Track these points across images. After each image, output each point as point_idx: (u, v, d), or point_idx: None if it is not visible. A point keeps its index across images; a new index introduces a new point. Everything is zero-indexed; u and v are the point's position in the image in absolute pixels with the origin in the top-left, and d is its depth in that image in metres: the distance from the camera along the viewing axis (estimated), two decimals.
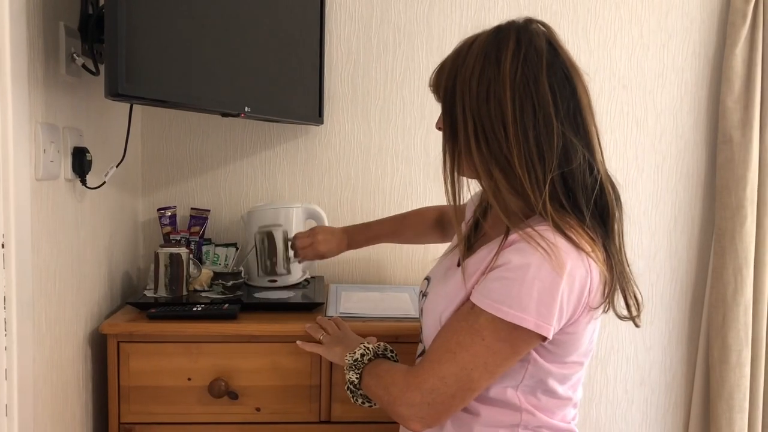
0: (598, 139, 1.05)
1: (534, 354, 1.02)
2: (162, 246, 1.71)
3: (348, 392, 1.21)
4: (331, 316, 1.52)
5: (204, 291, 1.73)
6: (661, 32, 2.12)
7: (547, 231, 0.96)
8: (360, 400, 1.21)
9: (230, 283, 1.70)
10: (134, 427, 1.52)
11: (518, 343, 0.98)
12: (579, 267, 0.96)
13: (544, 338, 0.97)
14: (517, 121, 0.97)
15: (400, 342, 1.45)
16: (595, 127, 1.05)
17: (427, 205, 1.71)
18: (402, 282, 2.09)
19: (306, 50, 1.90)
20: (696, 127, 2.17)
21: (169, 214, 1.93)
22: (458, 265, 1.12)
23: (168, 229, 1.93)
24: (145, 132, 2.01)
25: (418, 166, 2.09)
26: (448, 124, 1.05)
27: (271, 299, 1.67)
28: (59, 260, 1.34)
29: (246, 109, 1.53)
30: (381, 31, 2.04)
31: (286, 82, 1.79)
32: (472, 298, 1.00)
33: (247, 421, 1.55)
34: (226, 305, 1.58)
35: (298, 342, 1.42)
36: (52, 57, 1.27)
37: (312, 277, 1.94)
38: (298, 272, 1.83)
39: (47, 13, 1.23)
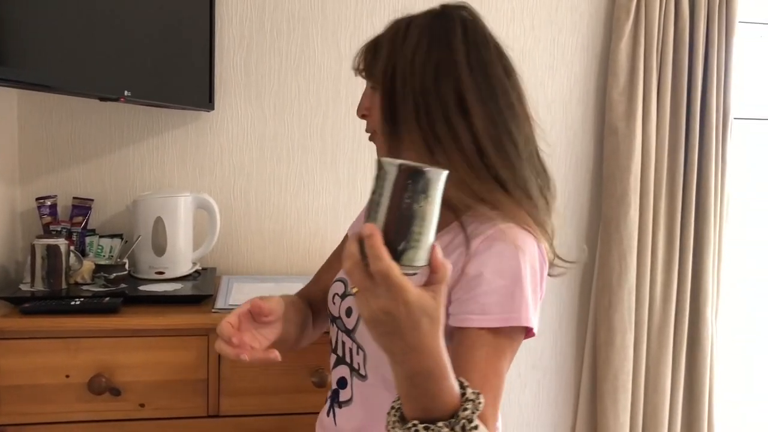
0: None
1: None
2: (39, 237, 1.62)
3: None
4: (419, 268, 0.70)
5: (86, 284, 1.65)
6: (551, 25, 2.18)
7: (512, 228, 0.94)
8: None
9: (113, 276, 1.63)
10: (7, 429, 1.45)
11: (520, 340, 0.95)
12: (540, 255, 0.96)
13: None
14: (482, 103, 0.97)
15: None
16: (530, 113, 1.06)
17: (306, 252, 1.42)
18: (299, 272, 2.06)
19: (195, 33, 1.84)
20: (584, 118, 2.24)
21: (49, 203, 1.83)
22: None
23: (48, 219, 1.83)
24: (22, 116, 1.89)
25: (314, 154, 2.06)
26: (387, 107, 1.01)
27: (156, 292, 1.62)
28: None
29: (125, 93, 1.45)
30: (275, 16, 1.99)
31: (172, 66, 1.73)
32: (475, 324, 0.90)
33: (131, 418, 1.49)
34: (107, 298, 1.52)
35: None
36: None
37: (204, 269, 1.89)
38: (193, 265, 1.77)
39: None
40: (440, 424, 0.73)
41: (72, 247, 1.68)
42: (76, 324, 1.45)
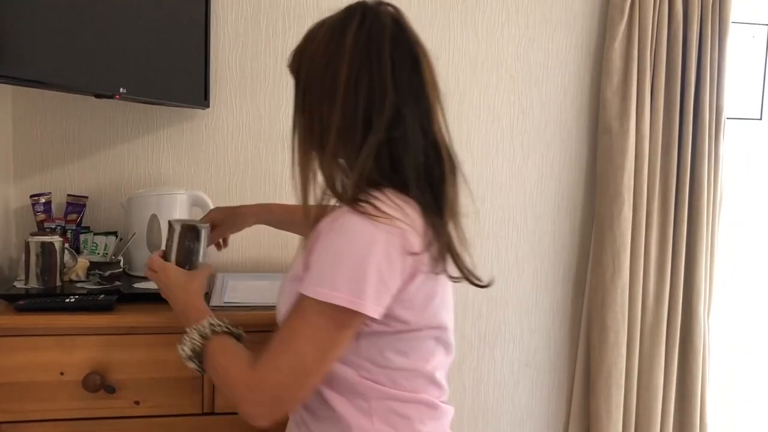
0: (443, 116, 1.07)
1: (366, 329, 1.02)
2: (33, 234, 1.61)
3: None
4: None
5: (80, 281, 1.65)
6: (546, 25, 2.19)
7: (351, 213, 0.98)
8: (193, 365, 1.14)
9: (107, 273, 1.62)
10: (1, 426, 1.44)
11: (342, 320, 0.98)
12: (389, 239, 0.97)
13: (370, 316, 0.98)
14: (350, 90, 0.99)
15: None
16: (440, 104, 1.06)
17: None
18: None
19: (190, 30, 1.84)
20: (578, 117, 2.25)
21: (44, 200, 1.83)
22: None
23: (42, 216, 1.82)
24: (16, 112, 1.88)
25: None
26: (296, 102, 1.07)
27: (151, 289, 1.61)
28: None
29: (121, 90, 1.45)
30: (270, 14, 2.00)
31: (168, 63, 1.73)
32: (300, 288, 1.01)
33: (126, 416, 1.49)
34: (102, 296, 1.52)
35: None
36: None
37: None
38: None
39: None
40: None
41: (66, 245, 1.68)
42: (71, 321, 1.45)
